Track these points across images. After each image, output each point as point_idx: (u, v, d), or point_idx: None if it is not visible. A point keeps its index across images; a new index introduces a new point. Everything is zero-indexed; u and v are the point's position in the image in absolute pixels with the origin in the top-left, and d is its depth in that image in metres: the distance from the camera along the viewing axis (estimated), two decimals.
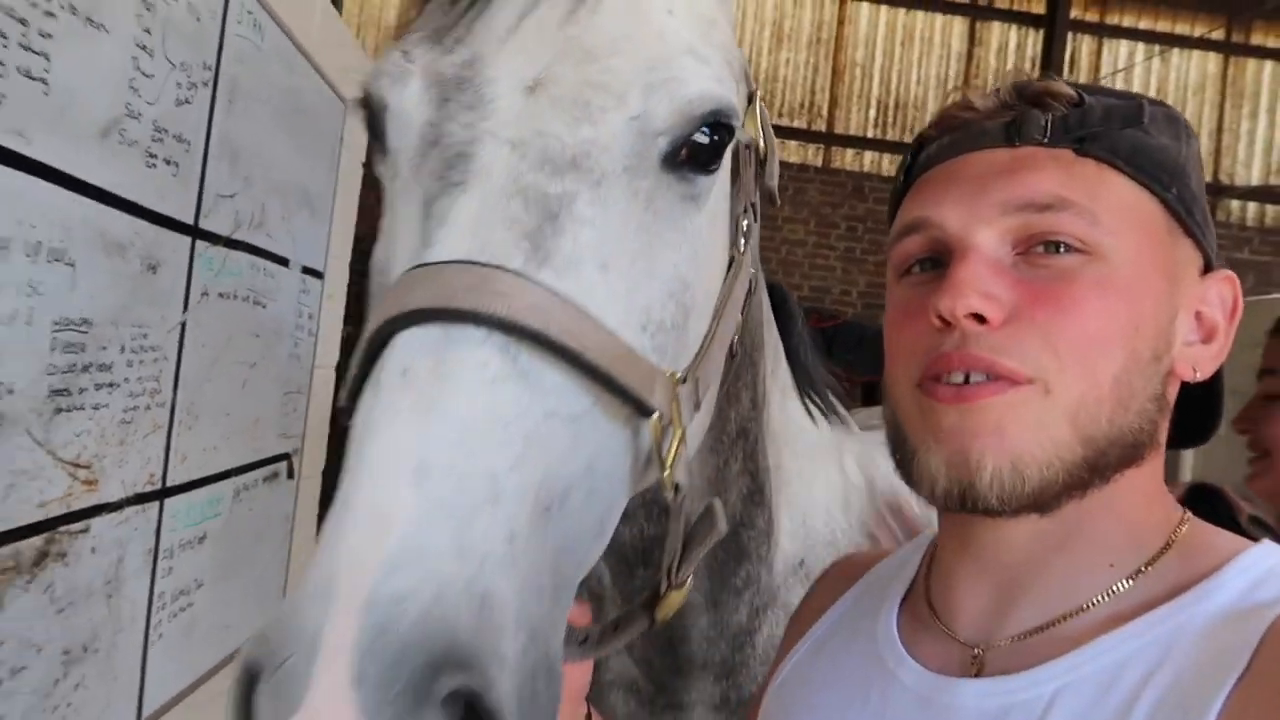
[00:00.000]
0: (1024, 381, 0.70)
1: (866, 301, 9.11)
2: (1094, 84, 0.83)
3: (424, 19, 0.83)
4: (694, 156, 0.80)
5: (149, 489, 1.46)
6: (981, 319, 0.71)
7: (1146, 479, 0.76)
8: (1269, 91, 9.86)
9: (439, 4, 0.83)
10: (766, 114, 1.02)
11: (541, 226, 0.72)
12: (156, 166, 1.37)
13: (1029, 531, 0.74)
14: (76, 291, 1.20)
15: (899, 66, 9.65)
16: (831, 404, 1.51)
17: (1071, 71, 9.51)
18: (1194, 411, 0.83)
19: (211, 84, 1.52)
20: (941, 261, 0.78)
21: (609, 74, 0.76)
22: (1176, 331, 0.75)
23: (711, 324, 0.88)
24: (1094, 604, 0.72)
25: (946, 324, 0.73)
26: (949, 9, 9.67)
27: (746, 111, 0.93)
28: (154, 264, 1.39)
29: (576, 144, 0.74)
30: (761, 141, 0.99)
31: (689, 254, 0.82)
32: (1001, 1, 9.73)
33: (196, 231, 1.52)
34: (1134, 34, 9.78)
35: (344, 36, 2.34)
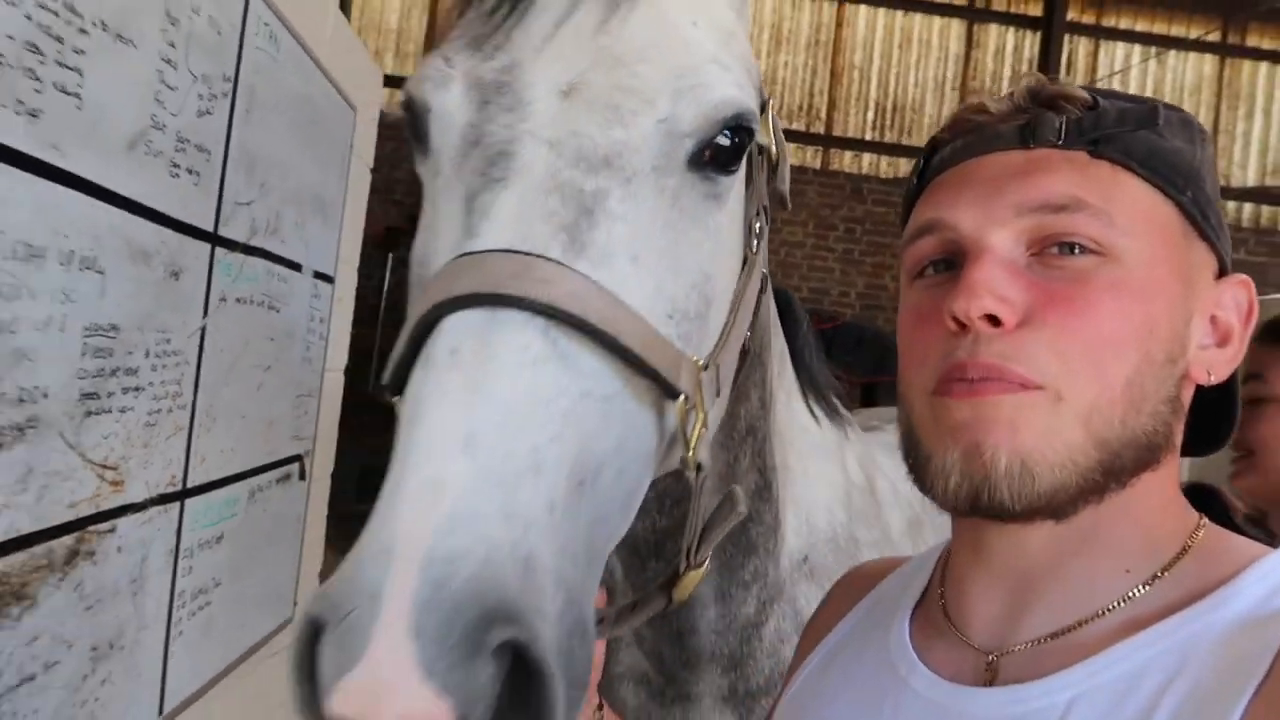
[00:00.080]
0: (1034, 388, 0.70)
1: (865, 303, 9.14)
2: (1109, 88, 0.86)
3: (463, 27, 0.89)
4: (716, 157, 0.86)
5: (171, 490, 1.50)
6: (996, 321, 0.71)
7: (1162, 483, 0.75)
8: (1264, 93, 9.91)
9: (478, 14, 0.88)
10: (778, 121, 1.07)
11: (578, 220, 0.77)
12: (179, 176, 1.40)
13: (1044, 536, 0.73)
14: (106, 298, 1.23)
15: (897, 69, 9.71)
16: (834, 405, 1.55)
17: (1068, 73, 9.56)
18: (1207, 416, 0.82)
19: (231, 95, 1.56)
20: (955, 264, 0.77)
21: (639, 80, 0.82)
22: (1191, 335, 0.75)
23: (730, 316, 0.93)
24: (1110, 610, 0.71)
25: (961, 326, 0.72)
26: (946, 11, 9.72)
27: (761, 118, 0.97)
28: (176, 271, 1.43)
29: (609, 144, 0.80)
30: (774, 147, 1.04)
31: (711, 249, 0.87)
32: (998, 4, 9.79)
33: (216, 239, 1.56)
34: (1130, 36, 9.84)
35: (354, 45, 2.38)
